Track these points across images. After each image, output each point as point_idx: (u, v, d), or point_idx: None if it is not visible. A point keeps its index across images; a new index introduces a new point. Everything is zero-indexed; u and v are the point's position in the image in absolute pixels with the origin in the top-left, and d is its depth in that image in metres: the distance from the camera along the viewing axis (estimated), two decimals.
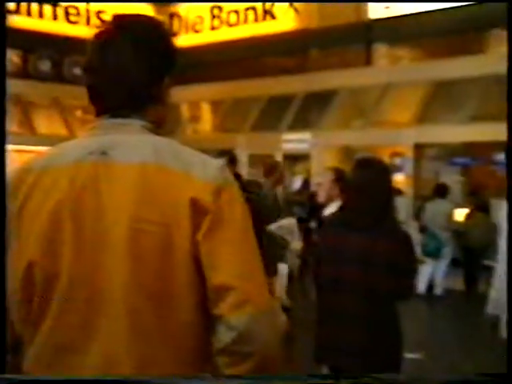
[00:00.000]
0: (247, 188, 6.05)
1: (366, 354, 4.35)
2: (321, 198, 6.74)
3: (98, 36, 2.26)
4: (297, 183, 15.87)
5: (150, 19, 2.35)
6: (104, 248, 2.06)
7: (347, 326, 4.38)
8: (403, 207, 12.74)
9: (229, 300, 2.02)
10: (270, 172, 8.78)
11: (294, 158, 16.80)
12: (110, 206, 2.06)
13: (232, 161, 7.04)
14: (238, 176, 7.09)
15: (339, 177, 6.47)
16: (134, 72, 2.20)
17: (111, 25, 2.28)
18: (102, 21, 19.21)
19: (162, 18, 22.04)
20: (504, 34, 15.89)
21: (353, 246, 4.39)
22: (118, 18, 2.31)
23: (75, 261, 2.05)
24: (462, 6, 15.86)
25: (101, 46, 2.22)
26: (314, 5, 18.50)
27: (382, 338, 4.40)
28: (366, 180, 4.50)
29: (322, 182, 6.82)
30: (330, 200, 6.41)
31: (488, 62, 14.98)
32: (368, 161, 5.00)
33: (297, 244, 6.31)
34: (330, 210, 6.24)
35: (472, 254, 13.27)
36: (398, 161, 14.66)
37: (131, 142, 2.14)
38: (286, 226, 6.04)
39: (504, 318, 5.18)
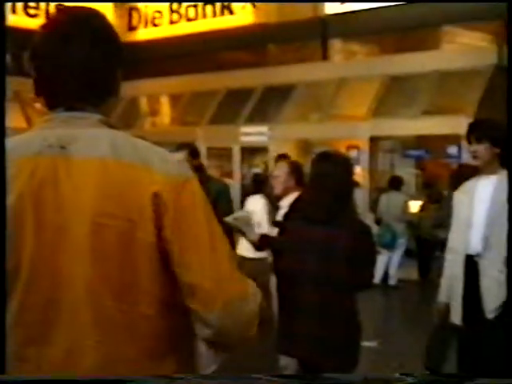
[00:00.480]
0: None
1: (326, 344, 4.39)
2: (276, 190, 6.65)
3: (47, 27, 2.21)
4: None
5: (97, 11, 2.30)
6: (65, 242, 2.04)
7: (308, 317, 4.41)
8: (359, 199, 12.83)
9: (200, 296, 2.05)
10: None
11: (253, 151, 16.83)
12: (70, 201, 2.04)
13: (194, 154, 6.97)
14: (201, 168, 7.08)
15: (294, 169, 6.51)
16: (90, 65, 2.17)
17: (61, 16, 2.25)
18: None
19: (121, 12, 21.98)
20: (455, 30, 16.23)
21: (313, 239, 4.42)
22: (68, 10, 2.27)
23: (36, 255, 2.03)
24: (413, 2, 16.05)
25: (53, 38, 2.17)
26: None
27: (341, 327, 4.45)
28: (325, 173, 4.52)
29: (277, 175, 6.69)
30: (285, 192, 6.44)
31: (440, 58, 15.30)
32: (328, 154, 5.03)
33: (253, 235, 6.34)
34: (286, 202, 6.33)
35: (425, 245, 13.43)
36: (353, 153, 14.72)
37: (89, 137, 2.11)
38: (241, 217, 6.06)
39: (454, 305, 5.15)
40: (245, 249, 10.43)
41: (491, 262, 4.96)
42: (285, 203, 6.36)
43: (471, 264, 5.08)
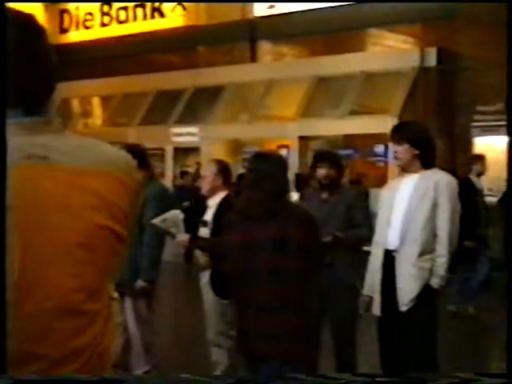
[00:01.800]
0: None
1: (286, 338, 4.31)
2: (204, 189, 6.45)
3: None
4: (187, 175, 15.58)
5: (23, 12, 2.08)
6: (57, 256, 1.95)
7: (263, 314, 4.33)
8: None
9: None
10: None
11: (185, 151, 16.57)
12: (56, 211, 1.94)
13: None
14: (148, 168, 6.91)
15: (222, 169, 6.33)
16: (42, 63, 1.98)
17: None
18: None
19: (52, 14, 21.46)
20: (381, 33, 16.22)
21: (259, 236, 4.32)
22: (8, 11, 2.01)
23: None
24: (342, 5, 15.99)
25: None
26: (202, 3, 18.40)
27: (297, 320, 4.36)
28: (261, 172, 4.43)
29: (205, 175, 6.51)
30: (213, 192, 6.25)
31: (366, 60, 15.31)
32: (264, 154, 5.14)
33: (182, 236, 6.09)
34: (213, 201, 6.21)
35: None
36: (283, 153, 14.55)
37: (63, 144, 1.97)
38: (170, 218, 5.79)
39: (374, 297, 5.29)
40: None
41: (406, 256, 5.08)
42: (212, 203, 6.22)
43: (389, 258, 5.17)
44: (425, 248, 5.11)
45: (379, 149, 14.09)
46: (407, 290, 5.08)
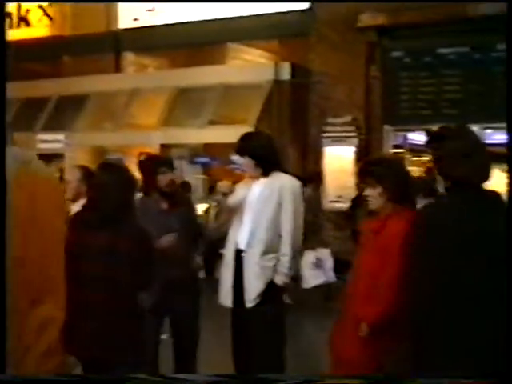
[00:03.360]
0: None
1: (110, 343, 4.28)
2: (68, 195, 6.12)
3: None
4: None
5: None
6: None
7: (91, 318, 4.27)
8: None
9: None
10: None
11: (49, 157, 15.68)
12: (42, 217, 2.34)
13: None
14: None
15: (86, 175, 6.12)
16: None
17: None
18: None
19: None
20: (239, 47, 16.17)
21: (94, 243, 4.32)
22: None
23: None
24: (204, 20, 15.71)
25: None
26: (68, 13, 17.93)
27: (124, 326, 4.34)
28: (104, 182, 4.46)
29: (69, 180, 6.35)
30: (76, 197, 6.03)
31: (225, 72, 15.12)
32: (108, 164, 5.36)
33: None
34: (76, 207, 5.90)
35: (211, 245, 12.93)
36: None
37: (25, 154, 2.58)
38: None
39: (224, 289, 5.45)
40: None
41: (252, 255, 5.16)
42: (75, 208, 5.88)
43: (239, 257, 5.24)
44: (269, 248, 5.16)
45: (236, 157, 13.60)
46: (252, 287, 5.15)
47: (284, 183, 5.23)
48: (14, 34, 18.26)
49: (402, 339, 3.37)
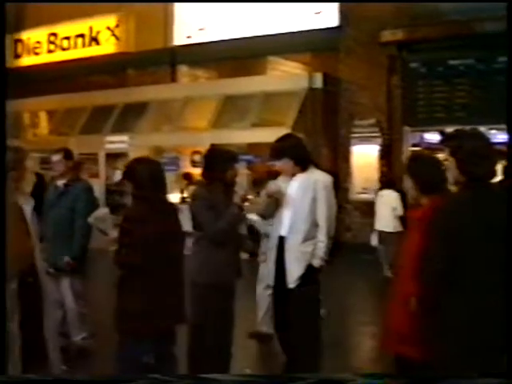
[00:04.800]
0: None
1: None
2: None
3: None
4: (117, 176, 15.19)
5: None
6: None
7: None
8: None
9: None
10: None
11: (115, 156, 16.14)
12: None
13: (68, 155, 6.57)
14: (77, 167, 6.80)
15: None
16: None
17: None
18: None
19: (7, 42, 20.71)
20: (278, 60, 16.28)
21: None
22: None
23: None
24: (246, 37, 15.85)
25: None
26: (131, 33, 18.16)
27: None
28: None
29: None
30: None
31: (266, 82, 15.24)
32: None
33: (112, 233, 5.59)
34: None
35: (254, 230, 13.06)
36: (198, 158, 14.33)
37: None
38: (99, 216, 5.42)
39: (269, 269, 5.39)
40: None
41: (292, 242, 5.16)
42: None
43: (281, 243, 5.23)
44: (307, 235, 5.14)
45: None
46: (293, 270, 5.12)
47: (318, 178, 5.18)
48: (86, 52, 19.01)
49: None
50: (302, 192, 5.14)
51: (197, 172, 13.76)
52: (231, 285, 5.15)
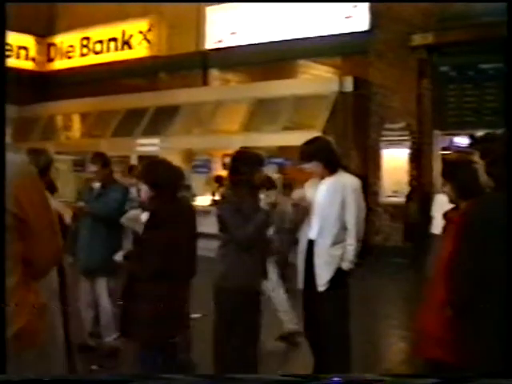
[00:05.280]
0: None
1: None
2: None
3: None
4: None
5: None
6: None
7: None
8: None
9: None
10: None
11: (147, 159, 16.34)
12: None
13: (105, 164, 6.67)
14: (109, 174, 6.76)
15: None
16: None
17: None
18: None
19: (41, 47, 21.20)
20: (308, 63, 16.35)
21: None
22: None
23: None
24: (277, 41, 15.94)
25: None
26: (163, 37, 18.41)
27: None
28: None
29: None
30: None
31: (297, 85, 15.31)
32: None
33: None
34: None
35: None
36: (227, 160, 14.44)
37: None
38: (131, 217, 5.53)
39: (298, 272, 5.30)
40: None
41: (322, 246, 5.14)
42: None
43: (311, 247, 5.22)
44: (336, 239, 5.13)
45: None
46: (323, 273, 5.10)
47: (346, 181, 5.17)
48: (118, 55, 19.32)
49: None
50: (331, 195, 5.10)
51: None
52: (258, 289, 5.13)
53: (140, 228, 4.67)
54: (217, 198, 13.55)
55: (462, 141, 12.83)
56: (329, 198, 5.11)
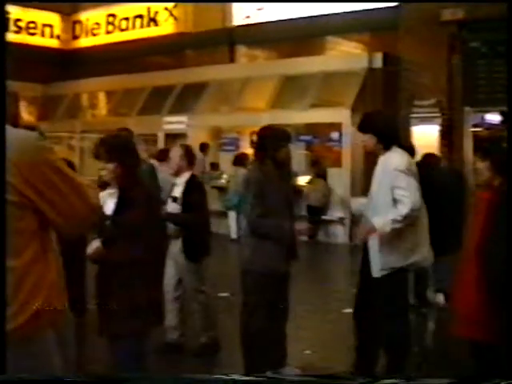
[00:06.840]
0: None
1: None
2: (171, 170, 6.27)
3: None
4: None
5: None
6: None
7: None
8: None
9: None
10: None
11: (174, 137, 16.65)
12: None
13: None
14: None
15: (186, 152, 6.19)
16: None
17: None
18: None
19: (66, 24, 21.59)
20: (336, 40, 16.45)
21: None
22: None
23: None
24: (305, 17, 16.11)
25: None
26: (190, 13, 18.60)
27: None
28: None
29: (172, 157, 6.25)
30: (179, 172, 6.13)
31: (325, 62, 15.48)
32: None
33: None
34: (180, 180, 6.12)
35: (313, 211, 13.63)
36: (255, 138, 14.69)
37: None
38: None
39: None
40: None
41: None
42: (179, 181, 6.12)
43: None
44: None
45: (335, 135, 14.30)
46: (377, 259, 4.92)
47: (396, 161, 4.89)
48: (144, 32, 19.61)
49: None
50: (383, 171, 4.93)
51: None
52: (285, 271, 5.09)
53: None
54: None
55: (494, 117, 13.09)
56: (381, 174, 4.95)
